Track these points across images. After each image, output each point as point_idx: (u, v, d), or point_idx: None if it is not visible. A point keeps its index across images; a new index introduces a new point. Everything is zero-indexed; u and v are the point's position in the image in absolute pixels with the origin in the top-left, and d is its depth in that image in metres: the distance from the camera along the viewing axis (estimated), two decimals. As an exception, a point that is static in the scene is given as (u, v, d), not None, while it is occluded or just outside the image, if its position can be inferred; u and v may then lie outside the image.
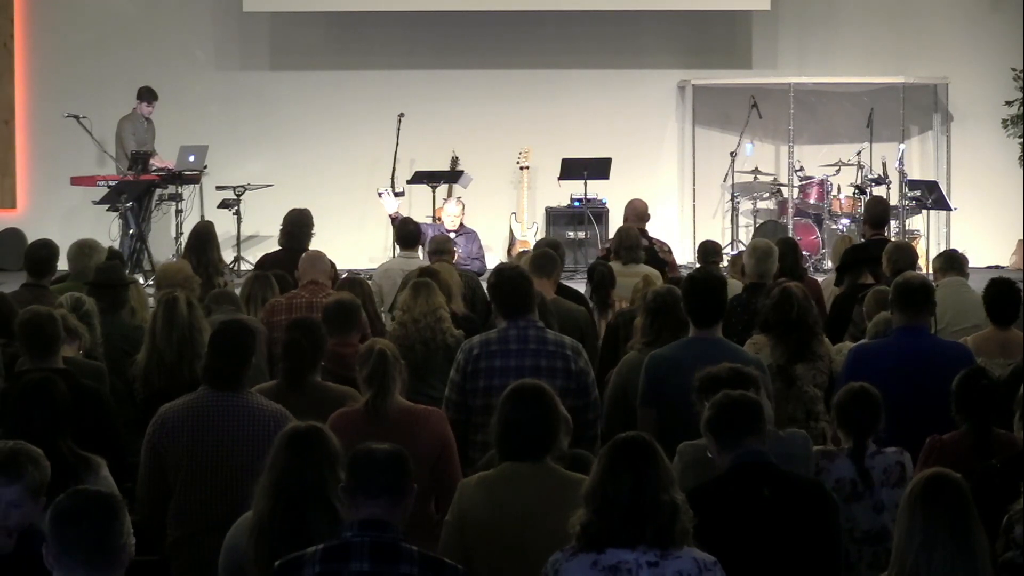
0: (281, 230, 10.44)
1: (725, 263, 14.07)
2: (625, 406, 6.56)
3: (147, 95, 14.62)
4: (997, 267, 15.44)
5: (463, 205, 14.23)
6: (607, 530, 4.09)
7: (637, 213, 11.73)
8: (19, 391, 5.26)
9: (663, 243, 11.47)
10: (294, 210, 10.53)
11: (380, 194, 14.30)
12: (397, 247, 10.97)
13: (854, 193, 14.97)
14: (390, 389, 5.69)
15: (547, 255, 8.77)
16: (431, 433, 5.66)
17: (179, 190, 14.15)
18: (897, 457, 5.60)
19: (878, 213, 10.65)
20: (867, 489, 5.53)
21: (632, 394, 6.45)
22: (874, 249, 9.48)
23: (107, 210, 13.72)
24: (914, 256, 9.17)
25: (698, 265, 10.81)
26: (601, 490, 4.12)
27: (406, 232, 10.65)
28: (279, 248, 10.39)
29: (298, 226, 10.33)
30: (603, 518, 4.10)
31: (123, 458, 5.91)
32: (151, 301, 8.46)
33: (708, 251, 10.73)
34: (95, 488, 3.89)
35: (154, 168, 14.16)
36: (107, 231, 13.38)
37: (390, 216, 13.65)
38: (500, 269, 6.77)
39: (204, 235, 9.94)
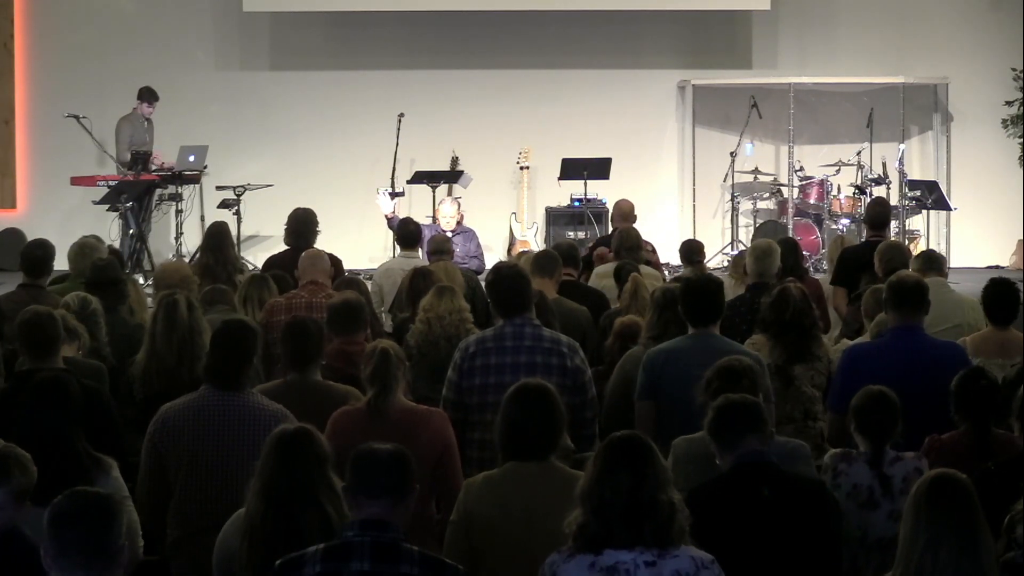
0: (286, 229, 10.40)
1: (725, 263, 14.16)
2: (627, 402, 6.59)
3: (147, 95, 14.60)
4: (997, 267, 15.44)
5: (459, 205, 14.23)
6: (605, 531, 4.09)
7: (622, 213, 11.77)
8: (33, 390, 5.26)
9: (647, 243, 11.47)
10: (298, 209, 10.49)
11: (393, 194, 14.33)
12: (397, 247, 10.97)
13: (854, 193, 14.96)
14: (392, 388, 5.69)
15: (548, 255, 8.78)
16: (433, 433, 5.66)
17: (179, 190, 14.14)
18: (915, 464, 5.48)
19: (878, 214, 10.65)
20: (885, 497, 5.43)
21: (633, 388, 6.48)
22: (871, 252, 9.49)
23: (107, 210, 13.72)
24: (907, 255, 9.16)
25: (681, 265, 10.85)
26: (598, 490, 4.12)
27: (406, 232, 10.66)
28: (286, 249, 10.36)
29: (303, 224, 10.30)
30: (600, 519, 4.10)
31: (124, 458, 5.91)
32: (150, 301, 8.48)
33: (691, 250, 10.73)
34: (93, 489, 3.89)
35: (154, 168, 14.17)
36: (107, 231, 13.37)
37: (386, 217, 13.67)
38: (498, 268, 6.79)
39: (220, 234, 9.88)
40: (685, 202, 16.30)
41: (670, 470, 4.36)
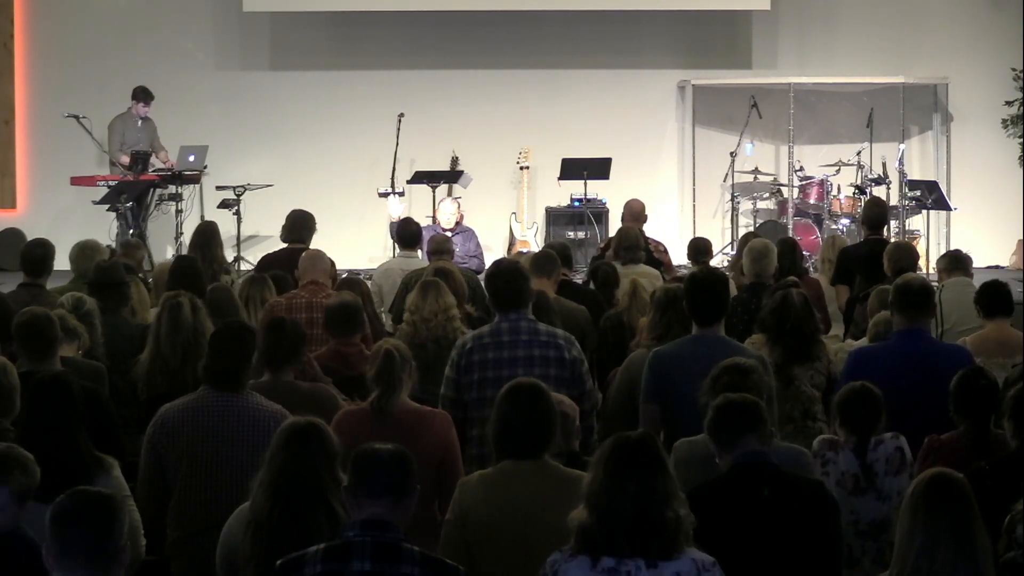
0: (283, 228, 10.43)
1: (725, 263, 14.15)
2: (631, 402, 6.58)
3: (142, 95, 14.58)
4: (997, 267, 15.43)
5: (459, 204, 14.25)
6: (608, 541, 4.07)
7: (633, 213, 11.76)
8: (35, 389, 5.27)
9: (659, 243, 11.46)
10: (296, 209, 10.54)
11: (387, 195, 14.32)
12: (396, 247, 10.96)
13: (854, 193, 14.95)
14: (396, 389, 5.68)
15: (547, 255, 8.78)
16: (436, 434, 5.66)
17: (179, 190, 14.14)
18: (895, 443, 5.68)
19: (877, 216, 10.65)
20: (870, 482, 5.59)
21: (637, 389, 6.47)
22: (870, 250, 9.50)
23: (107, 210, 13.73)
24: (915, 256, 9.18)
25: (689, 263, 10.83)
26: (605, 499, 4.08)
27: (406, 232, 10.65)
28: (281, 247, 10.38)
29: (301, 223, 10.32)
30: (606, 529, 4.07)
31: (122, 459, 5.91)
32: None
33: (699, 249, 10.72)
34: (95, 489, 3.89)
35: (154, 168, 14.17)
36: (107, 231, 13.38)
37: (397, 220, 13.64)
38: (498, 263, 6.80)
39: (208, 233, 9.94)
40: (685, 202, 16.29)
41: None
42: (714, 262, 13.67)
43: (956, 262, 8.73)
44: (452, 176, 15.04)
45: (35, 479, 4.34)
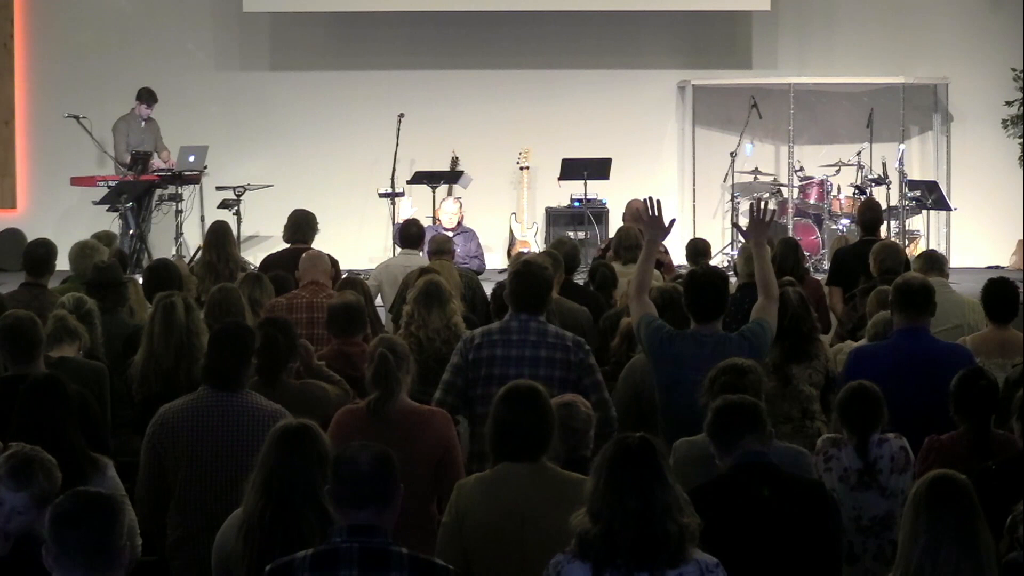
0: (285, 228, 10.41)
1: (726, 263, 14.15)
2: (637, 408, 6.56)
3: (146, 96, 14.60)
4: (997, 267, 15.44)
5: (460, 204, 14.24)
6: (613, 556, 4.04)
7: (634, 213, 11.74)
8: (28, 389, 5.26)
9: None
10: (298, 209, 10.53)
11: (389, 195, 14.32)
12: (397, 246, 10.95)
13: (854, 193, 14.95)
14: (394, 392, 5.66)
15: (552, 256, 8.78)
16: (434, 434, 5.63)
17: (179, 190, 14.15)
18: (900, 443, 5.70)
19: (871, 218, 10.64)
20: (874, 478, 5.61)
21: (643, 396, 6.46)
22: (865, 251, 9.50)
23: (107, 210, 13.73)
24: (901, 256, 9.18)
25: (688, 264, 10.82)
26: (608, 514, 4.05)
27: (409, 232, 10.64)
28: (284, 248, 10.37)
29: (303, 222, 10.31)
30: (610, 545, 4.05)
31: (114, 460, 5.91)
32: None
33: (697, 250, 10.70)
34: (95, 489, 3.89)
35: (154, 169, 14.17)
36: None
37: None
38: (528, 262, 6.76)
39: (221, 232, 9.92)
40: (685, 202, 16.29)
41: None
42: (715, 262, 13.70)
43: (932, 262, 8.74)
44: (452, 176, 15.05)
45: (57, 484, 4.34)
